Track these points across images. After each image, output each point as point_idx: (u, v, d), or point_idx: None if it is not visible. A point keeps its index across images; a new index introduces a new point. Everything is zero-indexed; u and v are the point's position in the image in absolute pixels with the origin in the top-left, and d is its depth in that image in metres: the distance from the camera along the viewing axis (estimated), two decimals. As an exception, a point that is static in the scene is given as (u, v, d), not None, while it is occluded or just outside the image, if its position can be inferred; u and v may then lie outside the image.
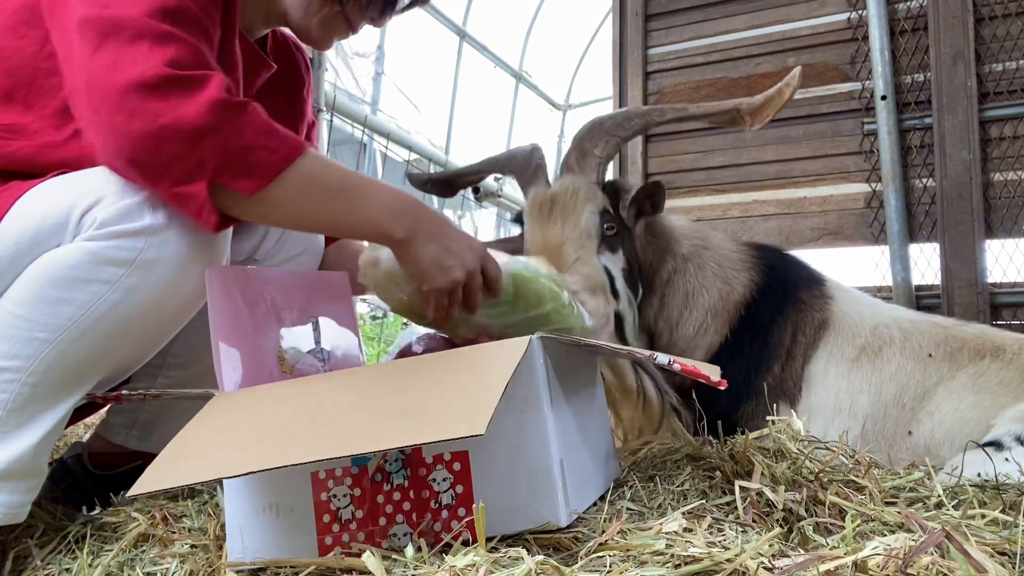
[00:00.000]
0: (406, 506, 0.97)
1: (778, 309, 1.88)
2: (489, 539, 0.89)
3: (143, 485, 0.84)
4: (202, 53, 1.08)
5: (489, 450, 0.95)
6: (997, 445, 1.50)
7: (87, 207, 1.06)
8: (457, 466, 0.96)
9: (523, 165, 1.88)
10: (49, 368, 1.05)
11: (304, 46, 1.59)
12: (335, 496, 0.98)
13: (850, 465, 1.22)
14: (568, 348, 1.12)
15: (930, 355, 1.78)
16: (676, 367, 0.98)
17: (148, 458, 1.32)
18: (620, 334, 1.74)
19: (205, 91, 1.02)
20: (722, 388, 0.98)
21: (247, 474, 0.86)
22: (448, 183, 2.13)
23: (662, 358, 1.00)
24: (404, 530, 0.96)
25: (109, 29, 1.03)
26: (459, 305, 1.16)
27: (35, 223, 1.07)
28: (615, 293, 1.74)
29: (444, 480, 0.96)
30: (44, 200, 1.09)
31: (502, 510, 0.93)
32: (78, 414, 1.38)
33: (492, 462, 0.95)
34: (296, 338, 1.24)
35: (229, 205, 1.07)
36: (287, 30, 1.47)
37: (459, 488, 0.96)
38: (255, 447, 0.88)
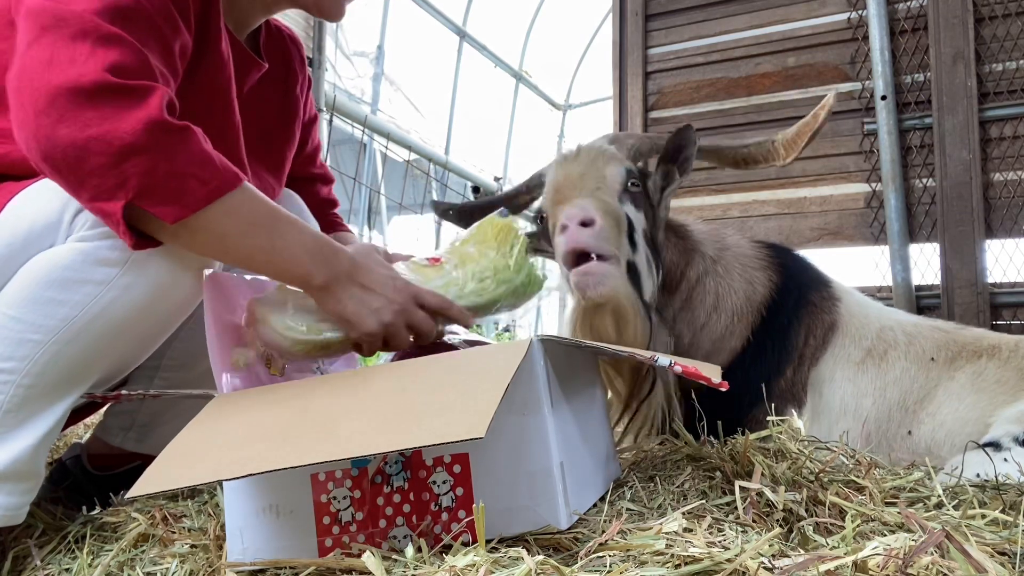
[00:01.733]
0: (406, 508, 0.97)
1: (794, 311, 1.84)
2: (489, 540, 0.89)
3: (142, 486, 0.84)
4: (148, 61, 1.01)
5: (489, 452, 0.95)
6: (996, 445, 1.50)
7: (79, 207, 1.05)
8: (457, 468, 0.96)
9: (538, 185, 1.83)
10: (44, 369, 1.04)
11: (300, 40, 1.58)
12: (335, 498, 0.98)
13: (850, 465, 1.22)
14: (569, 349, 1.12)
15: (932, 359, 1.79)
16: (677, 369, 0.98)
17: (147, 459, 1.32)
18: (637, 292, 1.57)
19: (143, 107, 0.95)
20: (723, 389, 0.98)
21: (247, 476, 0.86)
22: (470, 214, 2.01)
23: (663, 359, 1.00)
24: (404, 532, 0.96)
25: (50, 22, 0.97)
26: (408, 343, 1.14)
27: (27, 224, 1.07)
28: (632, 242, 1.59)
29: (444, 482, 0.96)
30: (36, 201, 1.08)
31: (502, 512, 0.93)
32: (78, 414, 1.38)
33: (492, 464, 0.95)
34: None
35: (149, 227, 1.03)
36: (281, 23, 1.45)
37: (459, 490, 0.95)
38: (254, 449, 0.87)
